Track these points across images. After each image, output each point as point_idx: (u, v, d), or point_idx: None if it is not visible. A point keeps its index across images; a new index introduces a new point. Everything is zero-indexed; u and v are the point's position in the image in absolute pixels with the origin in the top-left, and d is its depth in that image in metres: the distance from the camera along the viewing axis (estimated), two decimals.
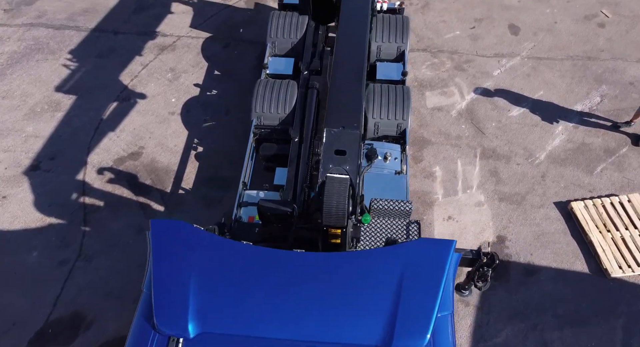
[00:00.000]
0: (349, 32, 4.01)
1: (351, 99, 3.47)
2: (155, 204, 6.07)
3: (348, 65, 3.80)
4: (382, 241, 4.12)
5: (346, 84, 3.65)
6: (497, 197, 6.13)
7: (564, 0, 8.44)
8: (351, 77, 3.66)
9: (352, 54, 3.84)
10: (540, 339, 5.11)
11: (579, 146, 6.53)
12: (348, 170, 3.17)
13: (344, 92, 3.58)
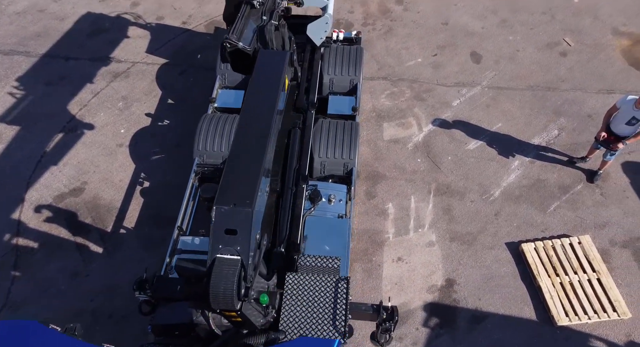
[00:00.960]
0: (258, 94, 3.79)
1: (247, 172, 3.26)
2: (94, 245, 5.83)
3: (251, 131, 3.58)
4: (309, 300, 3.93)
5: (245, 154, 3.44)
6: (449, 237, 5.96)
7: (527, 27, 8.35)
8: (252, 146, 3.45)
9: (258, 119, 3.63)
10: None
11: (534, 182, 6.39)
12: (239, 250, 2.99)
13: (242, 164, 3.38)
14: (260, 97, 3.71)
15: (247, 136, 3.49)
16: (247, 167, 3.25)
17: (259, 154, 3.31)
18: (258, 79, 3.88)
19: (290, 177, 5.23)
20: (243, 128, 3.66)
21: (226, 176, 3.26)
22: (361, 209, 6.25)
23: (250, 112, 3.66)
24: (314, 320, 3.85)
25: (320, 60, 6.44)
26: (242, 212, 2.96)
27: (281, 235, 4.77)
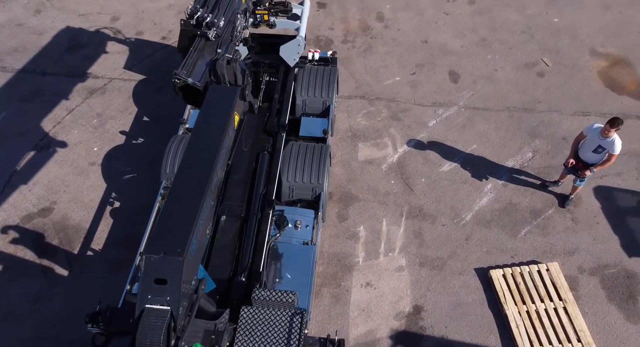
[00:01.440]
0: (204, 132, 3.73)
1: (182, 219, 3.20)
2: (60, 267, 5.77)
3: (192, 174, 3.51)
4: (262, 336, 3.88)
5: (183, 199, 3.39)
6: (419, 262, 5.93)
7: (506, 46, 8.35)
8: (191, 190, 3.38)
9: (200, 162, 3.56)
10: None
11: (506, 206, 6.37)
12: (169, 301, 2.94)
13: (178, 208, 3.31)
14: (205, 136, 3.64)
15: (187, 179, 3.43)
16: (183, 213, 3.18)
17: (196, 199, 3.23)
18: (205, 117, 3.82)
19: (256, 202, 5.20)
20: (184, 170, 3.59)
21: (161, 220, 3.19)
22: (332, 232, 6.21)
23: (193, 153, 3.62)
24: None
25: (294, 81, 6.43)
26: (173, 261, 2.90)
27: (243, 263, 4.73)
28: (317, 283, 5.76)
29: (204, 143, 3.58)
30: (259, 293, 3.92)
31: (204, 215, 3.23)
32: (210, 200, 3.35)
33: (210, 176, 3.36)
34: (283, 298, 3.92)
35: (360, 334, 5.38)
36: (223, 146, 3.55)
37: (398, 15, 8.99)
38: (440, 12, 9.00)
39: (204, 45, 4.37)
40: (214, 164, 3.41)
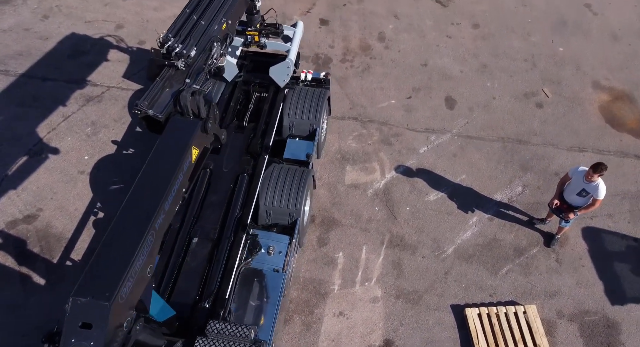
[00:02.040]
0: (156, 167, 3.67)
1: (115, 261, 3.10)
2: (38, 276, 5.84)
3: (134, 213, 3.37)
4: None
5: (119, 239, 3.26)
6: (395, 294, 5.84)
7: (507, 74, 8.21)
8: (130, 230, 3.26)
9: (146, 199, 3.46)
10: None
11: (490, 242, 6.23)
12: (93, 346, 2.90)
13: (112, 251, 3.25)
14: (156, 172, 3.59)
15: (129, 217, 3.39)
16: (117, 254, 3.15)
17: (134, 241, 3.18)
18: (160, 151, 3.78)
19: (230, 225, 5.18)
20: (127, 207, 3.48)
21: (94, 261, 3.13)
22: (310, 257, 6.17)
23: (140, 189, 3.56)
24: None
25: (282, 102, 6.42)
26: (99, 306, 2.85)
27: (209, 288, 4.71)
28: (290, 308, 5.71)
29: (153, 180, 3.55)
30: (214, 325, 3.89)
31: (141, 256, 3.17)
32: (152, 239, 3.30)
33: (153, 216, 3.33)
34: (238, 332, 3.88)
35: None
36: (174, 183, 3.51)
37: (400, 36, 8.92)
38: (442, 35, 8.90)
39: (173, 75, 4.37)
40: (160, 203, 3.37)
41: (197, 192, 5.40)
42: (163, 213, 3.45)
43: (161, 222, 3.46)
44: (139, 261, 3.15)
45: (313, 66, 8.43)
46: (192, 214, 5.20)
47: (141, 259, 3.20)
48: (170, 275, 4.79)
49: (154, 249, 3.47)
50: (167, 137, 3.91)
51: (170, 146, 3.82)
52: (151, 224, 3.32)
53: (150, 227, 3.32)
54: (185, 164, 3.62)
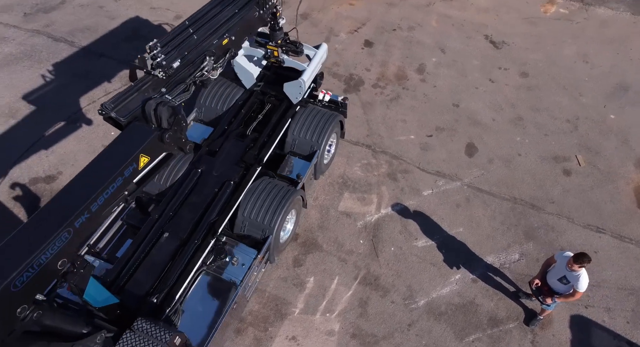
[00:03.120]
0: (95, 169, 3.70)
1: (19, 250, 3.14)
2: None
3: (59, 206, 3.45)
4: None
5: (34, 229, 3.31)
6: (352, 332, 5.73)
7: (541, 132, 7.69)
8: (48, 223, 3.31)
9: (74, 197, 3.50)
10: None
11: (466, 304, 5.91)
12: None
13: (23, 238, 3.27)
14: (95, 172, 3.73)
15: (52, 211, 3.48)
16: (26, 243, 3.23)
17: (46, 233, 3.26)
18: (108, 152, 3.85)
19: (202, 228, 5.37)
20: (56, 199, 3.55)
21: (4, 243, 3.22)
22: (282, 274, 6.23)
23: (74, 186, 3.63)
24: None
25: (291, 118, 6.51)
26: None
27: (164, 284, 4.93)
28: (247, 320, 5.83)
29: (89, 179, 3.66)
30: (140, 323, 4.08)
31: (49, 251, 3.27)
32: (68, 236, 3.38)
33: (74, 215, 3.41)
34: (159, 334, 4.04)
35: None
36: (108, 187, 3.61)
37: (440, 71, 8.68)
38: (485, 78, 8.53)
39: (152, 83, 4.53)
40: (85, 204, 3.47)
41: (182, 190, 5.66)
42: (88, 213, 3.54)
43: (84, 222, 3.53)
44: (45, 255, 3.25)
45: (343, 86, 8.46)
46: (171, 210, 5.47)
47: (49, 252, 3.28)
48: (132, 263, 5.07)
49: (70, 247, 3.51)
50: (119, 140, 4.03)
51: (118, 150, 3.93)
52: (69, 222, 3.39)
53: (68, 225, 3.38)
54: (128, 170, 3.75)
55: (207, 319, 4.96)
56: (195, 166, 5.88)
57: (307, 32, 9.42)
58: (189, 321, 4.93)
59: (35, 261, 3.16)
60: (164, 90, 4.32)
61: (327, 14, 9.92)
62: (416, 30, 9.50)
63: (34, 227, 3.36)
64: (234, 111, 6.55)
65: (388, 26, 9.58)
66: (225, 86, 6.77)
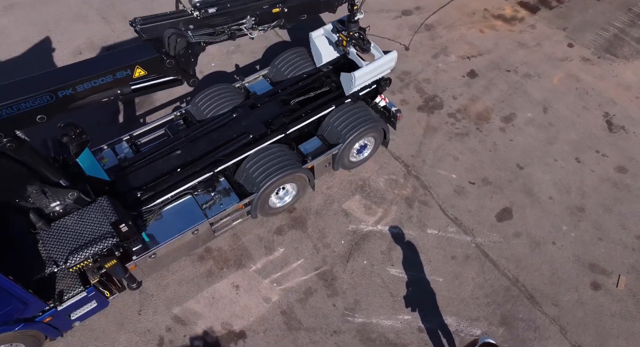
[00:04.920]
0: (97, 61, 4.65)
1: (10, 93, 4.08)
2: None
3: (56, 74, 4.47)
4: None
5: (27, 82, 4.19)
6: (283, 310, 6.03)
7: (597, 234, 6.63)
8: (39, 81, 4.23)
9: (71, 72, 4.40)
10: None
11: (397, 345, 5.67)
12: None
13: (13, 86, 4.19)
14: (97, 62, 4.71)
15: (50, 74, 4.39)
16: (19, 90, 4.11)
17: (31, 89, 4.09)
18: (115, 53, 4.93)
19: (206, 160, 6.10)
20: (61, 69, 4.58)
21: (5, 84, 4.09)
22: (261, 233, 6.73)
23: (78, 66, 4.54)
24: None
25: (336, 106, 6.76)
26: None
27: (154, 188, 5.83)
28: (212, 254, 6.51)
29: (89, 66, 4.48)
30: (104, 200, 5.09)
31: (28, 103, 4.09)
32: (49, 99, 4.16)
33: (61, 84, 4.20)
34: (110, 215, 4.99)
35: (181, 314, 6.02)
36: (98, 77, 4.34)
37: (528, 128, 7.94)
38: (572, 155, 7.56)
39: (185, 18, 4.86)
40: (73, 80, 4.23)
41: (212, 124, 6.49)
42: (72, 91, 4.31)
43: (67, 95, 4.30)
44: (26, 104, 4.08)
45: (420, 102, 8.33)
46: (195, 136, 6.34)
47: (29, 104, 4.10)
48: (143, 161, 6.08)
49: (51, 109, 4.30)
50: (127, 49, 4.84)
51: (120, 55, 4.77)
52: (53, 89, 4.20)
53: (51, 91, 4.19)
54: (120, 73, 4.46)
55: (171, 230, 5.78)
56: (234, 111, 6.64)
57: (420, 42, 9.40)
58: (157, 224, 5.81)
59: (16, 105, 4.06)
60: (191, 27, 4.94)
61: (451, 32, 9.68)
62: (531, 79, 8.74)
63: (27, 83, 4.28)
64: (294, 81, 7.09)
65: (504, 65, 8.99)
66: (300, 57, 7.31)
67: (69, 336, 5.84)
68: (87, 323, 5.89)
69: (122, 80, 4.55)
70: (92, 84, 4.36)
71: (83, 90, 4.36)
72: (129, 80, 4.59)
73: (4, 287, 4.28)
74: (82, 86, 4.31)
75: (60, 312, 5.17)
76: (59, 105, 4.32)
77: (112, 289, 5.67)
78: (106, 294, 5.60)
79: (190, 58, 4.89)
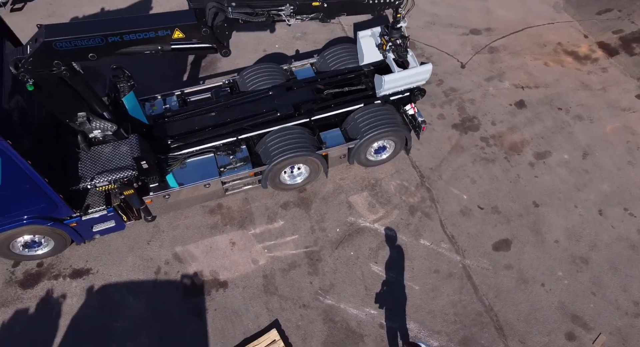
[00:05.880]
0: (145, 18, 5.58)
1: (71, 30, 5.03)
2: None
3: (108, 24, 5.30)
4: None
5: (85, 26, 5.19)
6: (265, 274, 6.64)
7: (593, 288, 6.40)
8: (95, 27, 5.21)
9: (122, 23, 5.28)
10: None
11: (355, 333, 6.04)
12: None
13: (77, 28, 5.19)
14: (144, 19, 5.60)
15: (101, 24, 5.25)
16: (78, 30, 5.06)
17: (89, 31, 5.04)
18: (161, 14, 5.61)
19: (233, 126, 6.83)
20: (115, 19, 5.42)
21: (69, 24, 5.43)
22: (268, 204, 7.36)
23: (128, 20, 5.36)
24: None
25: (364, 104, 7.15)
26: (42, 32, 5.03)
27: (184, 139, 6.69)
28: (222, 210, 7.27)
29: (135, 21, 5.28)
30: (134, 137, 6.07)
31: (86, 42, 5.02)
32: (100, 42, 5.06)
33: (110, 32, 5.03)
34: (134, 150, 5.94)
35: (181, 253, 6.86)
36: (141, 33, 5.13)
37: (559, 169, 7.71)
38: (596, 206, 7.25)
39: None
40: (121, 31, 5.07)
41: (249, 96, 7.22)
42: (120, 38, 5.16)
43: (114, 40, 5.15)
44: (82, 42, 4.98)
45: (457, 120, 8.38)
46: (232, 103, 7.10)
47: (84, 42, 5.01)
48: (183, 115, 6.95)
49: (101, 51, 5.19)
50: (171, 13, 5.63)
51: (166, 16, 5.53)
52: (104, 34, 5.07)
53: (103, 35, 5.04)
54: (162, 32, 5.22)
55: (188, 179, 6.60)
56: (271, 89, 7.28)
57: (478, 63, 9.38)
58: (179, 171, 6.65)
59: (74, 41, 4.99)
60: (233, 5, 5.50)
61: (514, 59, 9.51)
62: (582, 122, 8.41)
63: (86, 25, 5.26)
64: (334, 73, 7.56)
65: (558, 102, 8.71)
66: (347, 53, 7.75)
67: (89, 245, 6.96)
68: (105, 238, 6.96)
69: (163, 38, 5.30)
70: (137, 36, 5.16)
71: (129, 40, 5.17)
72: (168, 39, 5.34)
73: (39, 185, 5.32)
74: (129, 36, 5.13)
75: (84, 222, 6.21)
76: (107, 48, 5.18)
77: (129, 216, 6.64)
78: (124, 218, 6.57)
79: (225, 31, 5.52)
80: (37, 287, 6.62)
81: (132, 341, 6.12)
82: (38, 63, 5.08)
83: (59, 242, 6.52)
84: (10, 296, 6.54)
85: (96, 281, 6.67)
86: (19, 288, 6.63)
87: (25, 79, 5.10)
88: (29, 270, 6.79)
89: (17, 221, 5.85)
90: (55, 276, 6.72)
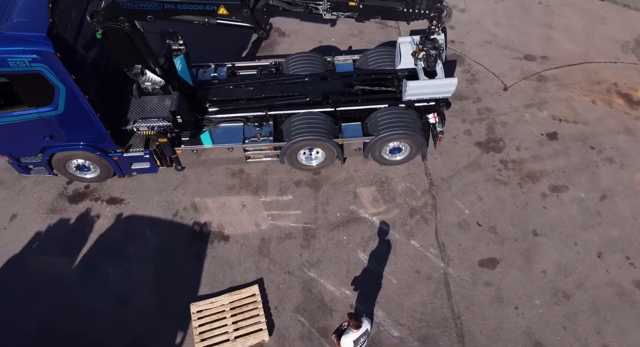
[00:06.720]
0: None
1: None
2: None
3: None
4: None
5: None
6: (264, 238, 7.40)
7: (568, 333, 6.42)
8: None
9: None
10: None
11: (326, 305, 6.64)
12: None
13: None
14: None
15: None
16: None
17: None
18: None
19: (266, 102, 7.62)
20: None
21: None
22: (284, 178, 8.11)
23: None
24: None
25: (389, 105, 7.62)
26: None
27: (220, 105, 7.58)
28: (242, 176, 8.12)
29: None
30: (178, 96, 6.97)
31: (146, 5, 5.80)
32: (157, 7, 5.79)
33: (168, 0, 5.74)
34: (171, 106, 6.88)
35: (198, 204, 7.78)
36: (192, 4, 5.79)
37: (572, 205, 7.67)
38: (596, 249, 7.19)
39: None
40: (175, 1, 5.74)
41: (287, 78, 7.97)
42: (173, 5, 5.85)
43: (169, 7, 5.84)
44: (141, 4, 5.79)
45: (482, 139, 8.54)
46: (270, 82, 7.88)
47: (146, 5, 5.79)
48: (224, 84, 7.86)
49: (156, 14, 5.93)
50: None
51: None
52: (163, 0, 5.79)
53: (161, 1, 5.72)
54: (209, 6, 5.84)
55: (219, 140, 7.51)
56: (308, 76, 7.97)
57: (522, 88, 9.40)
58: (212, 132, 7.57)
59: (137, 3, 5.83)
60: None
61: (561, 91, 9.39)
62: (611, 165, 8.22)
63: None
64: (369, 72, 8.09)
65: (592, 141, 8.55)
66: (387, 56, 8.21)
67: (127, 179, 8.12)
68: (141, 177, 8.10)
69: (209, 13, 6.07)
70: (188, 7, 5.99)
71: (181, 9, 6.02)
72: (214, 14, 6.11)
73: (92, 119, 6.44)
74: (181, 6, 5.98)
75: (124, 158, 7.34)
76: (163, 13, 6.04)
77: (163, 162, 7.69)
78: (157, 163, 7.62)
79: (264, 15, 6.20)
80: (80, 204, 7.91)
81: (141, 265, 7.19)
82: (107, 17, 6.10)
83: (104, 171, 7.71)
84: (59, 206, 7.89)
85: (126, 210, 7.83)
86: (67, 201, 7.96)
87: (97, 28, 6.18)
88: (78, 189, 8.10)
89: (75, 144, 7.07)
90: (95, 198, 7.97)
